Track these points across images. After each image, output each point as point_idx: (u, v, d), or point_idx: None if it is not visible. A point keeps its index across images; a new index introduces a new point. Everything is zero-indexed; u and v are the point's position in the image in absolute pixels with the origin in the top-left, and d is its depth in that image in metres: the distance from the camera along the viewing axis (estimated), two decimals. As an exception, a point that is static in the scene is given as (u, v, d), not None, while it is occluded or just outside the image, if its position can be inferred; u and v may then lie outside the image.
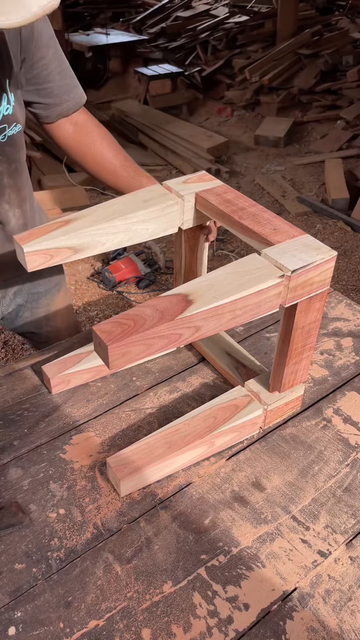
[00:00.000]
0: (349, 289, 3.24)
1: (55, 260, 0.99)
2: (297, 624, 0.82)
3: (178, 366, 1.27)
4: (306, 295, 0.94)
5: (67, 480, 1.00)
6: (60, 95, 1.22)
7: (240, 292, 0.85)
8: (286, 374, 1.05)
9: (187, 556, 0.89)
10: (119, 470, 0.96)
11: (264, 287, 0.87)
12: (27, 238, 0.96)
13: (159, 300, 0.83)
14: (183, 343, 0.84)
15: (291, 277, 0.89)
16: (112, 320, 0.79)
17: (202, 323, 0.83)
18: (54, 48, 1.17)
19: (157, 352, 0.81)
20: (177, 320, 0.80)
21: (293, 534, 0.93)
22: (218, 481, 1.01)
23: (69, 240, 0.98)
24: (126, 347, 0.77)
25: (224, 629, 0.81)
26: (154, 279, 3.31)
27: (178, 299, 0.83)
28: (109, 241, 1.03)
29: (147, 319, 0.79)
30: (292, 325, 0.97)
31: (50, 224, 1.00)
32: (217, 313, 0.84)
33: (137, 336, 0.77)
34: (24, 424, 1.12)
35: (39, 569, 0.87)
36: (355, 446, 1.09)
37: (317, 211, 4.05)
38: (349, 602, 0.85)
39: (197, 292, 0.85)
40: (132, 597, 0.84)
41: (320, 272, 0.93)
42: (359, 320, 1.43)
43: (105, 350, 0.76)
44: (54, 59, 1.18)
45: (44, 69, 1.17)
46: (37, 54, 1.14)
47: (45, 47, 1.15)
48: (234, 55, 6.61)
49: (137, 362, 0.80)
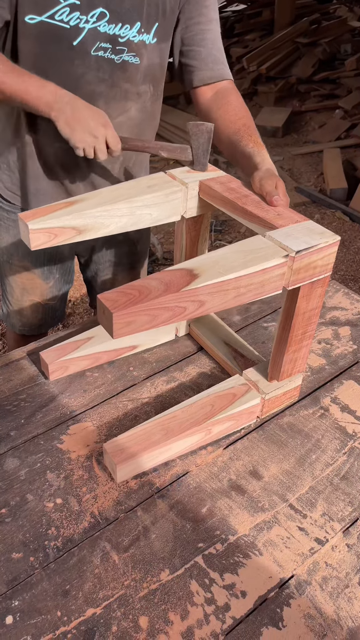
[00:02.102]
0: (347, 279, 3.24)
1: (58, 240, 0.99)
2: (294, 611, 0.82)
3: (175, 356, 1.26)
4: (309, 279, 0.94)
5: (64, 470, 1.00)
6: (206, 62, 1.29)
7: (245, 268, 0.84)
8: (285, 362, 1.05)
9: (184, 544, 0.89)
10: (115, 455, 0.96)
11: (268, 265, 0.87)
12: (31, 216, 0.96)
13: (164, 273, 0.83)
14: (187, 317, 0.83)
15: (295, 258, 0.89)
16: (117, 290, 0.79)
17: (207, 298, 0.83)
18: (215, 27, 1.29)
19: (162, 324, 0.80)
20: (182, 293, 0.79)
21: (290, 522, 0.93)
22: (215, 470, 1.01)
23: (73, 220, 0.98)
24: (130, 315, 0.76)
25: (221, 616, 0.81)
26: (151, 270, 3.31)
27: (183, 272, 0.83)
28: (112, 224, 1.03)
29: (152, 289, 0.79)
30: (294, 310, 0.97)
31: (55, 204, 1.00)
32: (221, 289, 0.83)
33: (142, 305, 0.76)
34: (21, 414, 1.11)
35: (36, 558, 0.87)
36: (353, 434, 1.09)
37: (315, 201, 4.03)
38: (345, 589, 0.85)
39: (202, 267, 0.84)
40: (130, 585, 0.84)
41: (323, 256, 0.93)
42: (356, 309, 1.43)
43: (109, 318, 0.75)
44: (212, 34, 1.29)
45: (200, 34, 1.27)
46: (196, 16, 1.24)
47: (207, 20, 1.26)
48: (232, 44, 6.55)
49: (132, 348, 0.80)
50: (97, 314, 0.79)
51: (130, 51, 1.19)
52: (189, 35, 1.27)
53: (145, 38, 1.20)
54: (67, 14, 1.10)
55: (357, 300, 1.46)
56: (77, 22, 1.11)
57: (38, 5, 1.08)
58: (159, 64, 1.28)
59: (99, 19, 1.12)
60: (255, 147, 1.15)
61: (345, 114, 5.14)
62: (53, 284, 1.50)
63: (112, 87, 1.23)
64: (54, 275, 1.48)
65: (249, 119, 1.24)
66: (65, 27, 1.11)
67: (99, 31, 1.14)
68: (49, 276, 1.48)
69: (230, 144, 1.21)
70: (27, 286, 1.48)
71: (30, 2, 1.07)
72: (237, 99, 1.29)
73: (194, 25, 1.26)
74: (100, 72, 1.19)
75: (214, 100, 1.30)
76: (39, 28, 1.10)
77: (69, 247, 1.46)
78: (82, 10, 1.10)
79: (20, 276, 1.46)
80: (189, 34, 1.27)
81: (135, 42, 1.19)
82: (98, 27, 1.13)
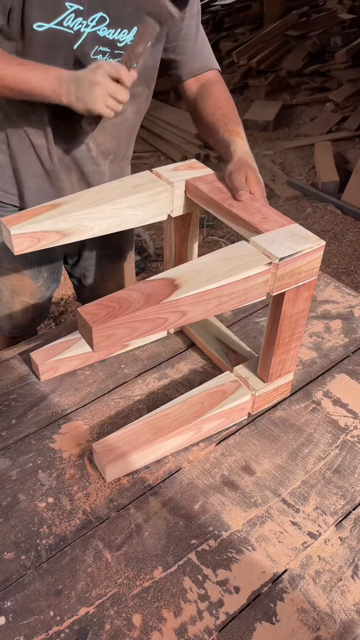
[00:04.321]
0: (339, 272, 3.24)
1: (42, 244, 0.98)
2: (287, 605, 0.82)
3: (167, 353, 1.26)
4: (294, 284, 0.93)
5: (56, 470, 1.00)
6: (193, 55, 1.32)
7: (227, 278, 0.84)
8: (273, 364, 1.04)
9: (177, 541, 0.89)
10: (104, 455, 0.95)
11: (251, 274, 0.86)
12: (14, 220, 0.95)
13: (145, 284, 0.82)
14: (169, 328, 0.83)
15: (279, 265, 0.88)
16: (97, 302, 0.79)
17: (188, 308, 0.82)
18: (196, 19, 1.30)
19: (142, 335, 0.80)
20: (163, 304, 0.79)
21: (283, 517, 0.93)
22: (208, 466, 1.01)
23: (56, 224, 0.97)
24: (111, 329, 0.76)
25: (214, 612, 0.81)
26: (144, 267, 3.30)
27: (164, 283, 0.82)
28: (97, 226, 1.02)
29: (132, 302, 0.78)
30: (280, 314, 0.97)
31: (38, 207, 0.99)
32: (203, 298, 0.83)
33: (122, 319, 0.76)
34: (12, 414, 1.11)
35: (28, 558, 0.86)
36: (345, 428, 1.09)
37: (307, 195, 4.03)
38: (339, 582, 0.85)
39: (184, 276, 0.84)
40: (123, 583, 0.84)
41: (308, 262, 0.92)
42: (347, 302, 1.43)
43: (89, 331, 0.75)
44: (195, 27, 1.30)
45: (184, 29, 1.28)
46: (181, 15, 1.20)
47: (189, 15, 1.27)
48: (221, 38, 6.52)
49: (123, 346, 0.79)
50: (79, 326, 0.79)
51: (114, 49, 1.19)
52: (174, 32, 1.27)
53: None
54: (72, 19, 1.10)
55: (348, 293, 1.46)
56: (79, 27, 1.11)
57: (47, 13, 1.08)
58: (153, 66, 1.29)
59: (99, 23, 1.13)
60: (230, 136, 1.16)
61: (336, 107, 5.13)
62: (42, 283, 1.49)
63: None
64: (42, 275, 1.48)
65: (229, 109, 1.25)
66: (70, 32, 1.11)
67: (98, 35, 1.14)
68: (39, 276, 1.47)
69: (211, 135, 1.24)
70: (17, 288, 1.47)
71: (38, 10, 1.07)
72: (220, 90, 1.31)
73: (179, 21, 1.26)
74: None
75: (198, 92, 1.32)
76: (46, 35, 1.10)
77: (59, 246, 1.45)
78: (84, 15, 1.10)
79: (10, 278, 1.45)
80: (174, 29, 1.27)
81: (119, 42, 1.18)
82: (97, 31, 1.13)
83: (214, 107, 1.26)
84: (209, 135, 1.27)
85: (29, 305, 1.51)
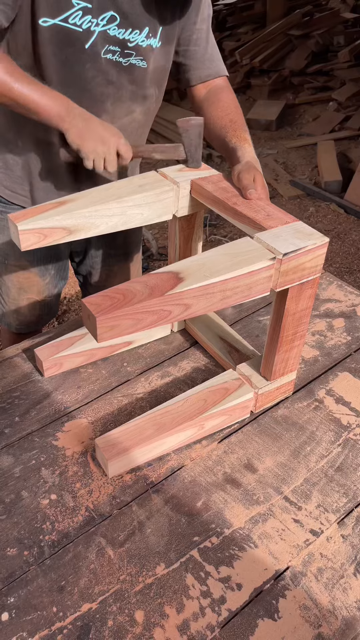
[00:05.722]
0: (342, 271, 3.24)
1: (48, 240, 0.98)
2: (289, 602, 0.82)
3: (169, 351, 1.26)
4: (297, 280, 0.94)
5: (58, 467, 1.00)
6: (203, 61, 1.32)
7: (231, 272, 0.84)
8: (276, 362, 1.04)
9: (179, 538, 0.89)
10: (106, 450, 0.96)
11: (254, 268, 0.86)
12: (21, 217, 0.96)
13: (149, 276, 0.82)
14: (173, 320, 0.83)
15: (282, 260, 0.88)
16: (102, 294, 0.79)
17: (192, 301, 0.83)
18: (207, 24, 1.31)
19: (146, 327, 0.80)
20: (167, 297, 0.79)
21: (285, 514, 0.93)
22: (210, 464, 1.01)
23: (63, 220, 0.97)
24: (115, 319, 0.76)
25: (217, 608, 0.81)
26: (147, 266, 3.30)
27: (169, 276, 0.83)
28: (103, 224, 1.03)
29: (136, 293, 0.79)
30: (283, 311, 0.97)
31: (45, 204, 1.00)
32: (207, 292, 0.83)
33: (126, 309, 0.76)
34: (15, 411, 1.11)
35: (31, 554, 0.87)
36: (347, 426, 1.09)
37: (310, 194, 4.03)
38: (341, 579, 0.85)
39: (188, 270, 0.84)
40: (125, 580, 0.84)
41: (312, 258, 0.92)
42: (350, 301, 1.43)
43: (93, 322, 0.75)
44: (205, 32, 1.31)
45: (195, 33, 1.29)
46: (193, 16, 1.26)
47: (201, 19, 1.28)
48: (224, 37, 6.52)
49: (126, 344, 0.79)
50: (82, 317, 0.79)
51: (138, 55, 1.20)
52: (185, 35, 1.28)
53: (152, 42, 1.20)
54: (79, 17, 1.10)
55: (351, 292, 1.46)
56: (89, 26, 1.11)
57: (52, 8, 1.08)
58: (164, 67, 1.29)
59: (109, 22, 1.13)
60: (238, 142, 1.17)
61: (339, 106, 5.13)
62: (49, 281, 1.50)
63: (119, 89, 1.23)
64: (49, 272, 1.48)
65: (237, 115, 1.26)
66: (79, 30, 1.11)
67: (109, 34, 1.14)
68: (45, 273, 1.48)
69: (218, 140, 1.24)
70: (24, 285, 1.47)
71: (44, 5, 1.07)
72: (228, 96, 1.31)
73: (191, 25, 1.26)
74: (108, 75, 1.19)
75: (206, 97, 1.32)
76: (52, 31, 1.10)
77: (65, 244, 1.46)
78: (93, 13, 1.10)
79: (17, 275, 1.45)
80: (186, 33, 1.27)
81: (143, 47, 1.19)
82: (108, 30, 1.14)
83: (222, 113, 1.26)
84: (215, 140, 1.26)
85: (35, 302, 1.52)
